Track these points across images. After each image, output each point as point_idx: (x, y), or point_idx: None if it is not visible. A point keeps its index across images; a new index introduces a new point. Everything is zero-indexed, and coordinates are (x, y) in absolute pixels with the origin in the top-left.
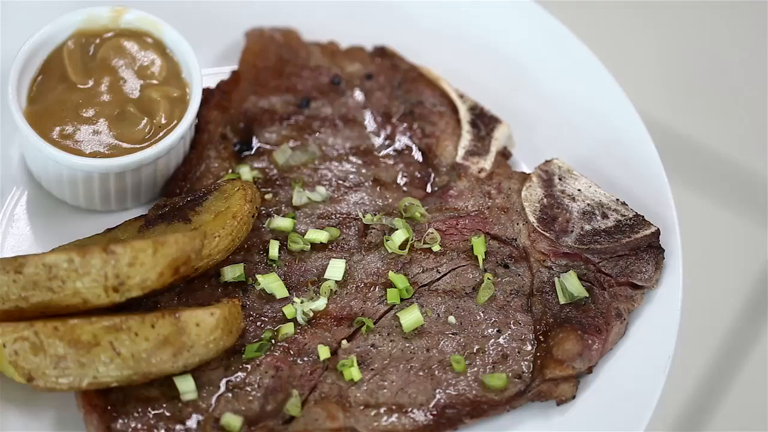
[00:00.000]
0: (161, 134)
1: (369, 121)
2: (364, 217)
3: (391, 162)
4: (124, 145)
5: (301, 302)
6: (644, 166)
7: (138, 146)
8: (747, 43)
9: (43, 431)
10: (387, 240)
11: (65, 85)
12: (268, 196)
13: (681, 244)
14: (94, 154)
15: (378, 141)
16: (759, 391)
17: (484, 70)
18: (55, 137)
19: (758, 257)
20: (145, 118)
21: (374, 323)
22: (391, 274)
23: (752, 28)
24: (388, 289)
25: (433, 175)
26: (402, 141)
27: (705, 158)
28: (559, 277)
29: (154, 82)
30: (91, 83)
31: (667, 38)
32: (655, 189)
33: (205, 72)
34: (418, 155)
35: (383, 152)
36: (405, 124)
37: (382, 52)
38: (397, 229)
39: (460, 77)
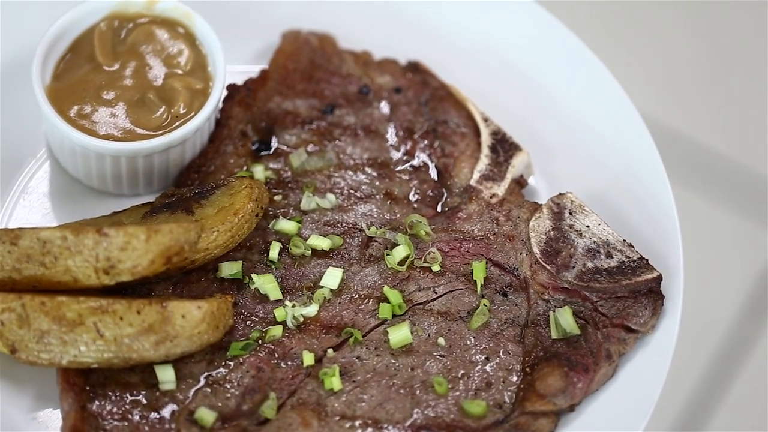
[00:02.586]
0: (177, 124)
1: (391, 135)
2: (368, 229)
3: (406, 177)
4: (139, 130)
5: (293, 306)
6: (658, 206)
7: (152, 133)
8: (747, 43)
9: (22, 404)
10: (387, 254)
11: (91, 66)
12: (277, 198)
13: (683, 291)
14: (107, 137)
15: (396, 155)
16: (759, 391)
17: (513, 93)
18: (72, 115)
19: (758, 257)
20: (163, 107)
21: (363, 336)
22: (386, 289)
23: (752, 28)
24: (381, 304)
25: (445, 195)
26: (420, 158)
27: (705, 158)
28: (554, 312)
29: (179, 72)
30: (116, 66)
31: (667, 38)
32: (665, 231)
33: (237, 68)
34: (433, 173)
35: (400, 167)
36: (426, 141)
37: (414, 67)
38: (398, 245)
39: (490, 99)
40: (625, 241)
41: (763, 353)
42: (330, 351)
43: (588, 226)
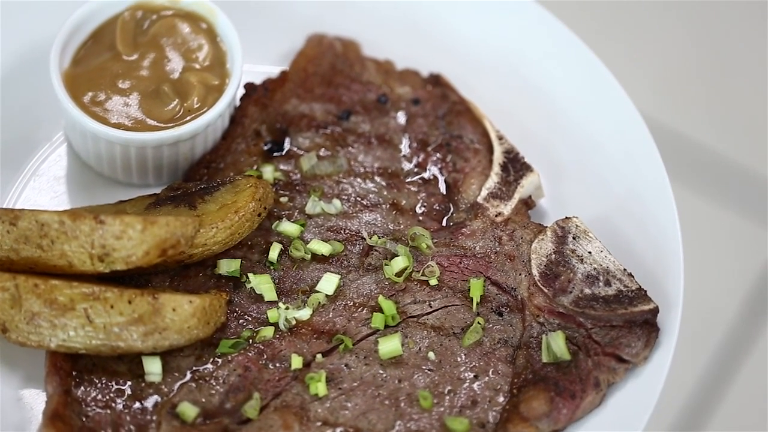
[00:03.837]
0: (188, 118)
1: (404, 145)
2: (369, 238)
3: (414, 189)
4: (150, 121)
5: (286, 308)
6: (663, 236)
7: (163, 125)
8: (747, 43)
9: (10, 383)
10: (386, 265)
11: (111, 54)
12: (283, 199)
13: (680, 324)
14: (118, 125)
15: (408, 166)
16: (759, 391)
17: (532, 112)
18: (86, 101)
19: (758, 257)
20: (177, 100)
21: (353, 344)
22: (381, 299)
23: (752, 28)
24: (374, 313)
25: (452, 209)
26: (431, 171)
27: (705, 158)
28: (547, 335)
29: (197, 66)
30: (135, 56)
31: (667, 38)
32: (668, 262)
33: (260, 69)
34: (442, 187)
35: (410, 178)
36: (439, 155)
37: (435, 80)
38: (398, 256)
39: (508, 116)
40: (625, 270)
41: (763, 353)
42: (319, 356)
43: (590, 252)
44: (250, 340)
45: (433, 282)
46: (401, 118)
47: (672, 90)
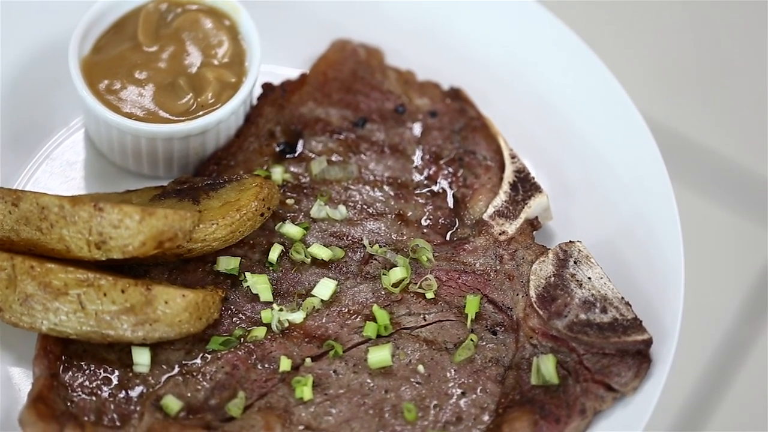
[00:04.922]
0: (201, 113)
1: (417, 157)
2: (370, 246)
3: (422, 201)
4: (162, 113)
5: (280, 310)
6: (665, 265)
7: (174, 118)
8: (747, 43)
9: (3, 361)
10: (384, 274)
11: (132, 44)
12: (289, 201)
13: (673, 357)
14: (129, 115)
15: (418, 178)
16: (759, 391)
17: (549, 132)
18: (101, 89)
19: (758, 257)
20: (191, 94)
21: (344, 351)
22: (375, 308)
23: (752, 28)
24: (367, 322)
25: (457, 225)
26: (441, 184)
27: (705, 158)
28: (538, 358)
29: (215, 62)
30: (155, 48)
31: (667, 38)
32: (668, 292)
33: (281, 71)
34: (450, 202)
35: (419, 190)
36: (450, 169)
37: (455, 94)
38: (397, 266)
39: (524, 134)
40: (623, 299)
41: (763, 353)
42: (308, 360)
43: (590, 278)
44: (242, 339)
45: (430, 295)
46: (417, 129)
47: (672, 90)
